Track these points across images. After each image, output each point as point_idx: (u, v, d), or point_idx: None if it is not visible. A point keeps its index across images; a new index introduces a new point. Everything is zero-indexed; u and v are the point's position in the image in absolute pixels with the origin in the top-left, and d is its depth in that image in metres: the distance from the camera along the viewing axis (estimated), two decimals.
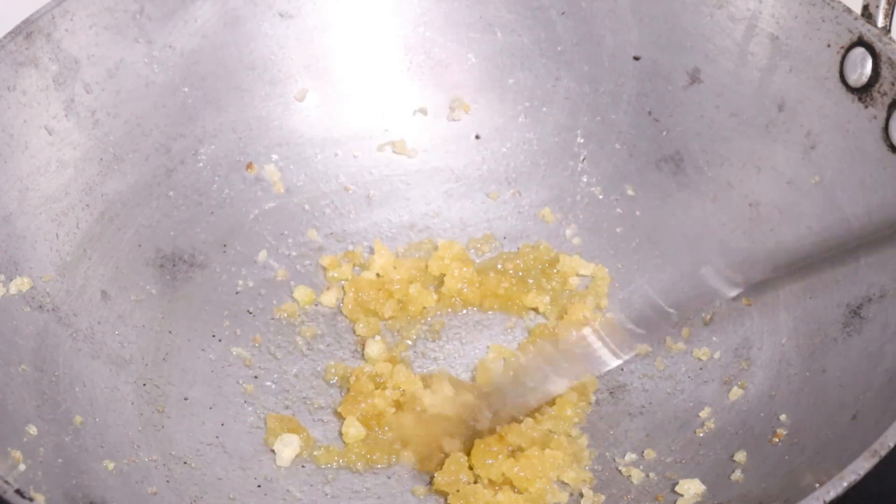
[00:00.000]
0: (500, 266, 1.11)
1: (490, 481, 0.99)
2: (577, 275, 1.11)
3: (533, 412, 1.03)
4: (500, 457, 0.99)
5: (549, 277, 1.11)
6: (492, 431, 1.01)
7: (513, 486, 0.98)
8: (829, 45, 1.03)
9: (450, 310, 1.10)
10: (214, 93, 1.13)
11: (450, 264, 1.10)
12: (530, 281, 1.11)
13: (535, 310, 1.10)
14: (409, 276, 1.10)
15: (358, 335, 1.09)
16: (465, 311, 1.11)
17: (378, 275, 1.11)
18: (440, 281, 1.11)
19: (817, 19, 1.03)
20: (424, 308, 1.10)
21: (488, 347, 1.08)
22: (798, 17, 1.05)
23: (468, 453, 1.00)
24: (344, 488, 1.01)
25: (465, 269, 1.10)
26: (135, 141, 1.10)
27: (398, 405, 1.04)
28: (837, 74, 1.03)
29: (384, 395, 1.03)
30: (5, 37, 1.02)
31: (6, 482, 0.84)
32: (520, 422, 1.01)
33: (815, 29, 1.04)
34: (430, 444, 1.02)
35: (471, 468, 0.99)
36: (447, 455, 1.00)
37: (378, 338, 1.08)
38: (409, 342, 1.09)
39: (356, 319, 1.09)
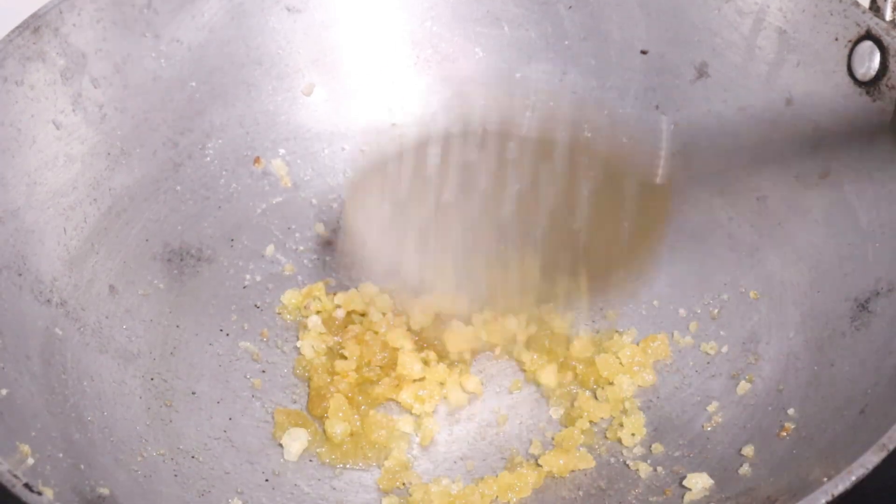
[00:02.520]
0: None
1: None
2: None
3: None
4: None
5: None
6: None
7: None
8: (836, 39, 1.03)
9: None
10: (222, 87, 1.13)
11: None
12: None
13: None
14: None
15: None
16: None
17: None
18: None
19: (825, 13, 1.03)
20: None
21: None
22: (806, 10, 1.05)
23: None
24: (352, 482, 1.01)
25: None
26: (142, 135, 1.10)
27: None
28: (845, 68, 1.03)
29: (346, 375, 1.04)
30: (13, 31, 1.02)
31: (15, 476, 0.84)
32: None
33: (822, 22, 1.04)
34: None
35: None
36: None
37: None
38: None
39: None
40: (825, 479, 0.83)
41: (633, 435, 1.02)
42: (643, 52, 1.13)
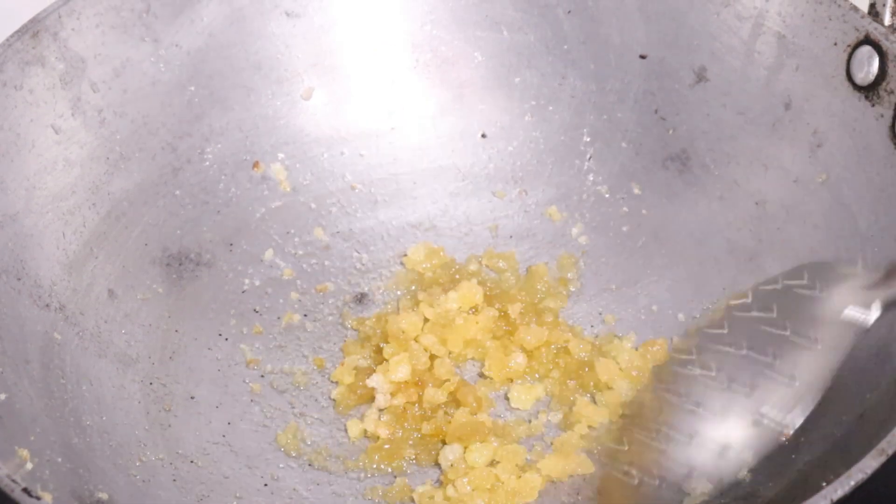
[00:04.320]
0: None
1: None
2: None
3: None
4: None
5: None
6: None
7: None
8: (835, 44, 1.03)
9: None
10: (221, 91, 1.13)
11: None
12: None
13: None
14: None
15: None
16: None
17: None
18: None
19: (824, 17, 1.03)
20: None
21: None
22: (805, 15, 1.05)
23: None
24: (350, 487, 1.01)
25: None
26: (141, 140, 1.10)
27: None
28: (844, 73, 1.03)
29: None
30: (12, 36, 1.02)
31: (13, 481, 0.84)
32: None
33: (821, 27, 1.04)
34: None
35: None
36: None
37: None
38: None
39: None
40: (824, 484, 0.83)
41: None
42: (642, 57, 1.13)
